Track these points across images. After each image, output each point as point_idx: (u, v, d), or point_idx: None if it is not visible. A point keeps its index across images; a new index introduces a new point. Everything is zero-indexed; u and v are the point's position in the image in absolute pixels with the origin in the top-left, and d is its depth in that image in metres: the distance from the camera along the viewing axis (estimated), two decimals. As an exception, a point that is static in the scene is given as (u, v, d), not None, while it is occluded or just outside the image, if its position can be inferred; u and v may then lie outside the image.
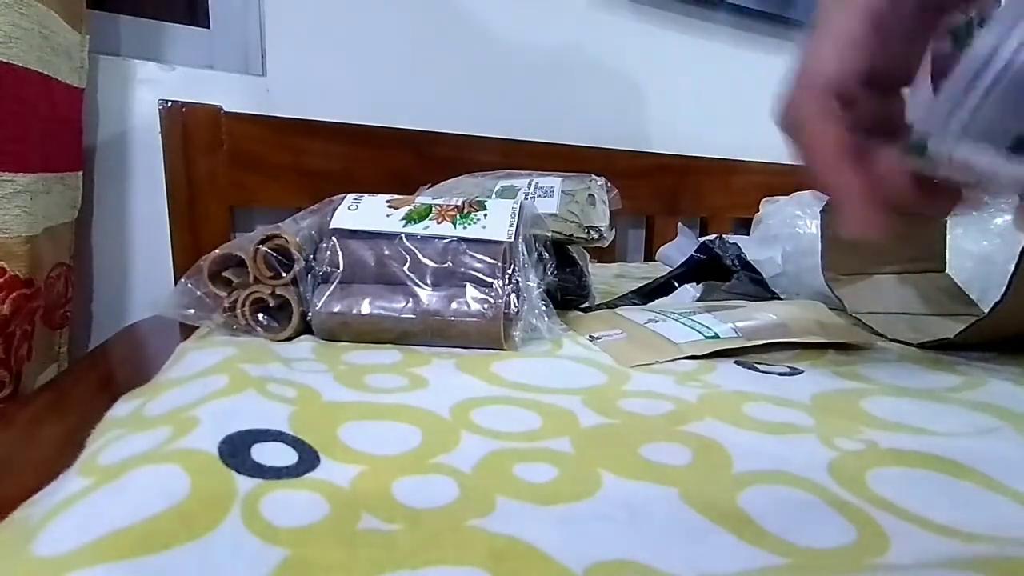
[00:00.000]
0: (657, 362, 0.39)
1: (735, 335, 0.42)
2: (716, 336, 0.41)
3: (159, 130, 0.68)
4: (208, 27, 0.79)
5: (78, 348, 0.68)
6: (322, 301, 0.41)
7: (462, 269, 0.42)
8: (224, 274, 0.42)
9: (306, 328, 0.43)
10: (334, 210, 0.46)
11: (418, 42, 0.90)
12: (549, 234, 0.48)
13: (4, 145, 0.50)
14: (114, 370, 0.50)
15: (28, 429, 0.34)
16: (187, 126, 0.69)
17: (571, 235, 0.52)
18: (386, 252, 0.43)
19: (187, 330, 0.43)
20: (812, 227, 0.63)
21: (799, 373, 0.37)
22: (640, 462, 0.25)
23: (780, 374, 0.37)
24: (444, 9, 0.91)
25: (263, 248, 0.41)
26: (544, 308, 0.43)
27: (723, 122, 1.19)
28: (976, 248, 0.53)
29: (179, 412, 0.26)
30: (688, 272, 0.64)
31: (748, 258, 0.63)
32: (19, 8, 0.49)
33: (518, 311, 0.41)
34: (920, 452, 0.26)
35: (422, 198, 0.47)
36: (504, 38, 0.97)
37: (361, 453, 0.25)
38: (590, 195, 0.54)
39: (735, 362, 0.39)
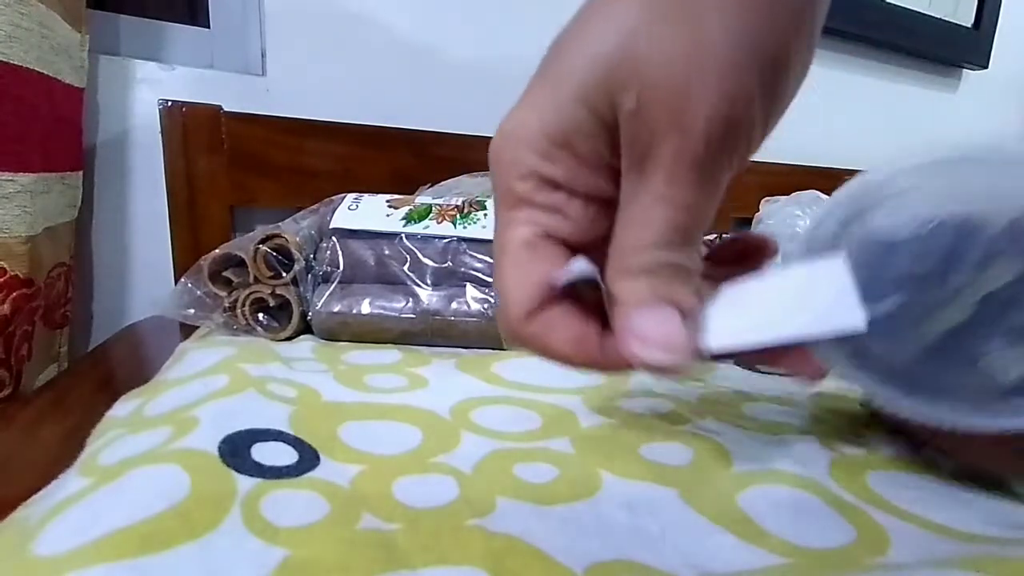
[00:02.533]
0: (657, 362, 0.39)
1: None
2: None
3: (159, 130, 0.68)
4: (208, 27, 0.79)
5: (78, 348, 0.68)
6: (322, 301, 0.41)
7: (462, 269, 0.42)
8: (224, 274, 0.42)
9: (306, 328, 0.43)
10: (334, 210, 0.46)
11: (419, 42, 0.90)
12: (549, 234, 0.48)
13: (4, 145, 0.50)
14: (114, 370, 0.50)
15: (28, 429, 0.34)
16: (187, 126, 0.69)
17: (571, 235, 0.51)
18: (386, 252, 0.43)
19: (187, 330, 0.43)
20: (812, 227, 0.63)
21: None
22: (640, 462, 0.25)
23: (780, 374, 0.37)
24: (444, 9, 0.91)
25: (263, 248, 0.41)
26: (544, 308, 0.43)
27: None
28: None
29: (179, 412, 0.26)
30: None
31: (748, 258, 0.62)
32: (19, 8, 0.49)
33: (518, 311, 0.41)
34: (919, 451, 0.26)
35: (422, 198, 0.47)
36: (505, 37, 0.96)
37: (361, 453, 0.25)
38: (590, 195, 0.54)
39: (735, 362, 0.39)
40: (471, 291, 0.41)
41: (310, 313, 0.42)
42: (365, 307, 0.41)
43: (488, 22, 0.95)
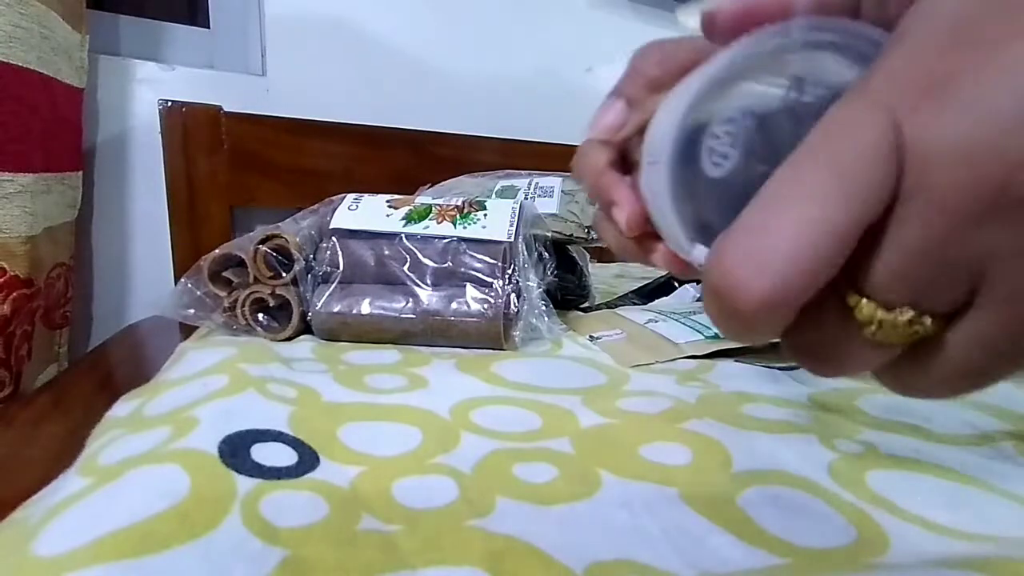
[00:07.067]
0: (657, 362, 0.39)
1: (735, 335, 0.42)
2: (716, 336, 0.41)
3: (159, 130, 0.68)
4: (208, 27, 0.79)
5: (78, 348, 0.68)
6: (322, 301, 0.41)
7: (462, 269, 0.42)
8: (224, 274, 0.42)
9: (306, 328, 0.43)
10: (334, 210, 0.46)
11: (418, 42, 0.90)
12: (549, 234, 0.48)
13: (4, 145, 0.50)
14: (114, 370, 0.50)
15: (28, 429, 0.34)
16: (187, 126, 0.69)
17: (571, 235, 0.52)
18: (386, 252, 0.43)
19: (187, 330, 0.43)
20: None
21: (798, 368, 0.37)
22: (640, 462, 0.25)
23: (780, 368, 0.37)
24: (444, 8, 0.91)
25: (263, 248, 0.41)
26: (544, 308, 0.43)
27: (723, 122, 1.19)
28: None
29: (179, 412, 0.26)
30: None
31: (748, 258, 0.62)
32: (19, 8, 0.49)
33: (518, 311, 0.41)
34: (919, 452, 0.26)
35: (422, 198, 0.47)
36: (504, 38, 0.97)
37: (361, 454, 0.25)
38: (590, 195, 0.54)
39: (735, 361, 0.39)
40: (471, 291, 0.41)
41: (310, 313, 0.42)
42: (365, 307, 0.41)
43: (488, 22, 0.95)
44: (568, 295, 0.53)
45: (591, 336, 0.44)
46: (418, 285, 0.41)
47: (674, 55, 0.18)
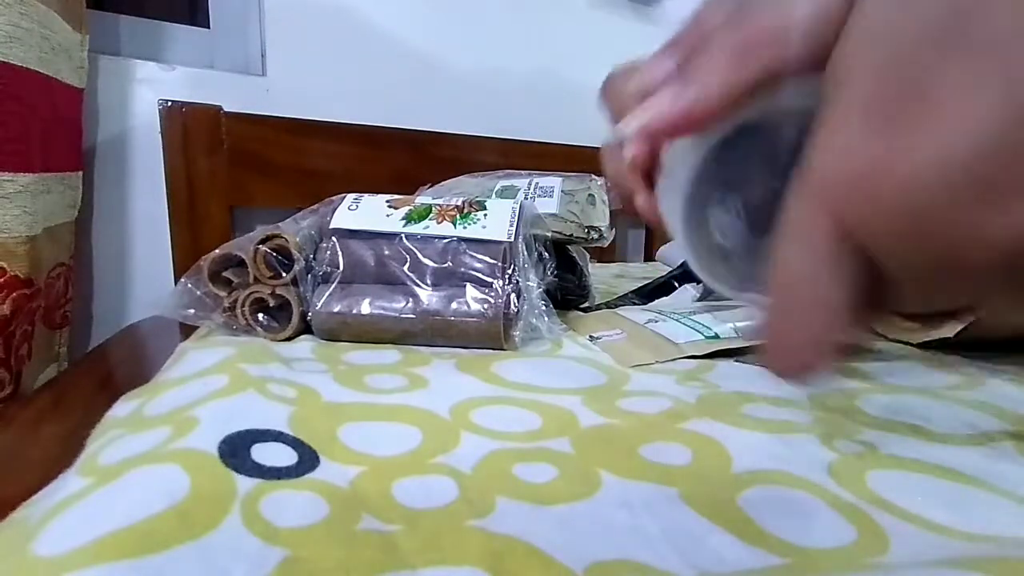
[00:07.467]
0: (657, 362, 0.39)
1: (735, 335, 0.42)
2: (716, 336, 0.41)
3: (159, 130, 0.68)
4: (208, 27, 0.79)
5: (78, 348, 0.68)
6: (322, 301, 0.41)
7: (462, 269, 0.42)
8: (224, 274, 0.42)
9: (306, 328, 0.43)
10: (334, 210, 0.46)
11: (418, 42, 0.90)
12: (549, 234, 0.48)
13: (4, 145, 0.50)
14: (114, 370, 0.50)
15: (28, 429, 0.34)
16: (187, 126, 0.69)
17: (571, 235, 0.52)
18: (386, 252, 0.43)
19: (187, 330, 0.43)
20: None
21: None
22: (640, 462, 0.25)
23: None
24: (444, 8, 0.91)
25: (263, 248, 0.41)
26: (544, 308, 0.43)
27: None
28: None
29: (179, 412, 0.26)
30: (688, 272, 0.64)
31: (748, 258, 0.62)
32: (19, 8, 0.49)
33: (518, 311, 0.41)
34: (919, 452, 0.26)
35: (422, 198, 0.47)
36: (505, 37, 0.97)
37: (361, 453, 0.25)
38: (590, 195, 0.54)
39: (735, 361, 0.39)
40: (471, 291, 0.41)
41: (310, 313, 0.42)
42: (365, 307, 0.41)
43: (487, 30, 0.95)
44: (568, 295, 0.53)
45: (591, 336, 0.44)
46: (418, 285, 0.41)
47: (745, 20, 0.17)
